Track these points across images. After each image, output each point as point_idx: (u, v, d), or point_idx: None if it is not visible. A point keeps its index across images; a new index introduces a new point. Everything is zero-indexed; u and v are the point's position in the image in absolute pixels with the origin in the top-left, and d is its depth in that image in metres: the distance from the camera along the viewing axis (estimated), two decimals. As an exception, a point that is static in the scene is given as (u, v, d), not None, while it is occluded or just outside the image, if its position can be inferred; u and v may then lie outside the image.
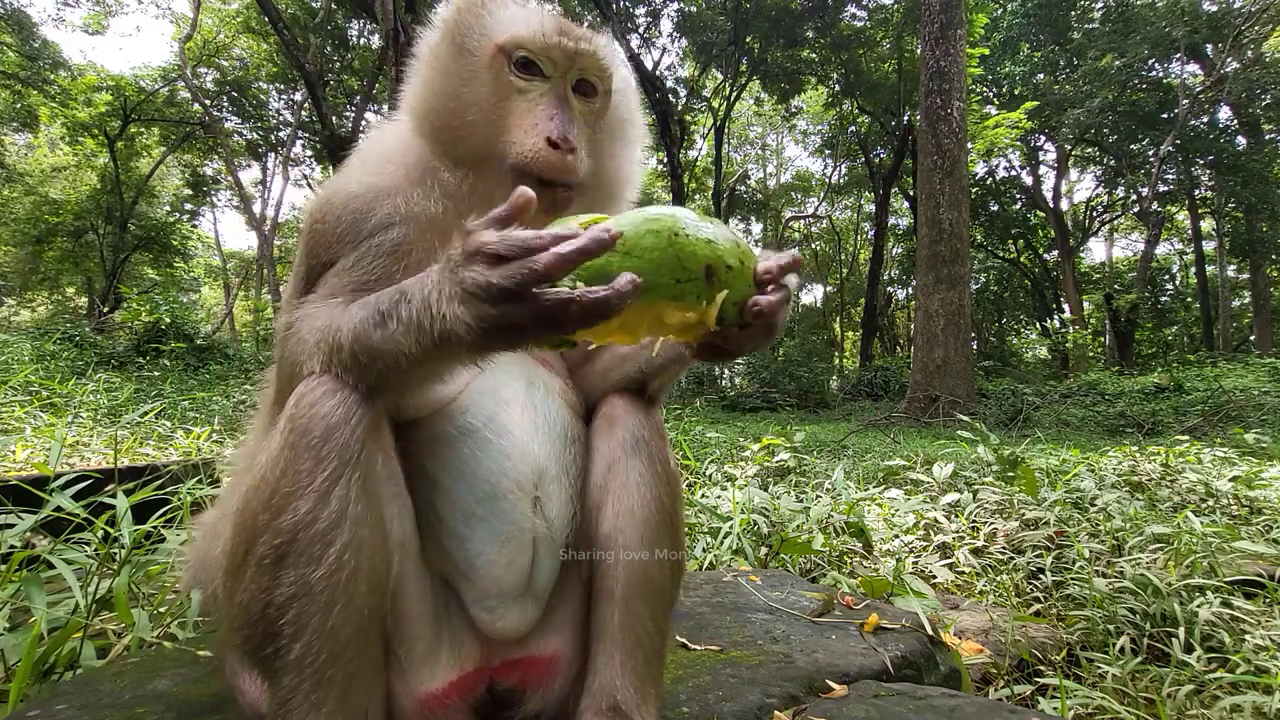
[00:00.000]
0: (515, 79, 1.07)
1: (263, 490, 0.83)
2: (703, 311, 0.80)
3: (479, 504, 1.00)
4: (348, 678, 0.83)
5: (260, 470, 0.85)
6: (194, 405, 5.84)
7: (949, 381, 12.94)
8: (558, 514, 1.05)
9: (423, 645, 0.98)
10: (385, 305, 0.84)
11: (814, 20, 22.56)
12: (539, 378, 1.12)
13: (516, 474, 1.01)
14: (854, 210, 37.49)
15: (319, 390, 0.85)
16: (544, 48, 1.07)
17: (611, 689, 0.99)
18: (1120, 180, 27.62)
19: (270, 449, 0.85)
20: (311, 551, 0.81)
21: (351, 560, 0.82)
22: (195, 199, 29.80)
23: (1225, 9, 20.66)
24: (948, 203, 13.51)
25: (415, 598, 0.98)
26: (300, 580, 0.80)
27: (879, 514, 3.42)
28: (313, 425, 0.83)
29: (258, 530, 0.82)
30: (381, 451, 0.93)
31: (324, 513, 0.81)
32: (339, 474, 0.83)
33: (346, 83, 24.91)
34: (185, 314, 12.58)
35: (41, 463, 2.82)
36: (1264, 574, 2.47)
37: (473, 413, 1.03)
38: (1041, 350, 33.80)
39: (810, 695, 1.31)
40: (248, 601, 0.82)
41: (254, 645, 0.83)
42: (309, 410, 0.84)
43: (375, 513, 0.88)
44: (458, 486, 1.01)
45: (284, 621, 0.80)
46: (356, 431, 0.85)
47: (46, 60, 21.42)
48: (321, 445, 0.82)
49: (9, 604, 1.58)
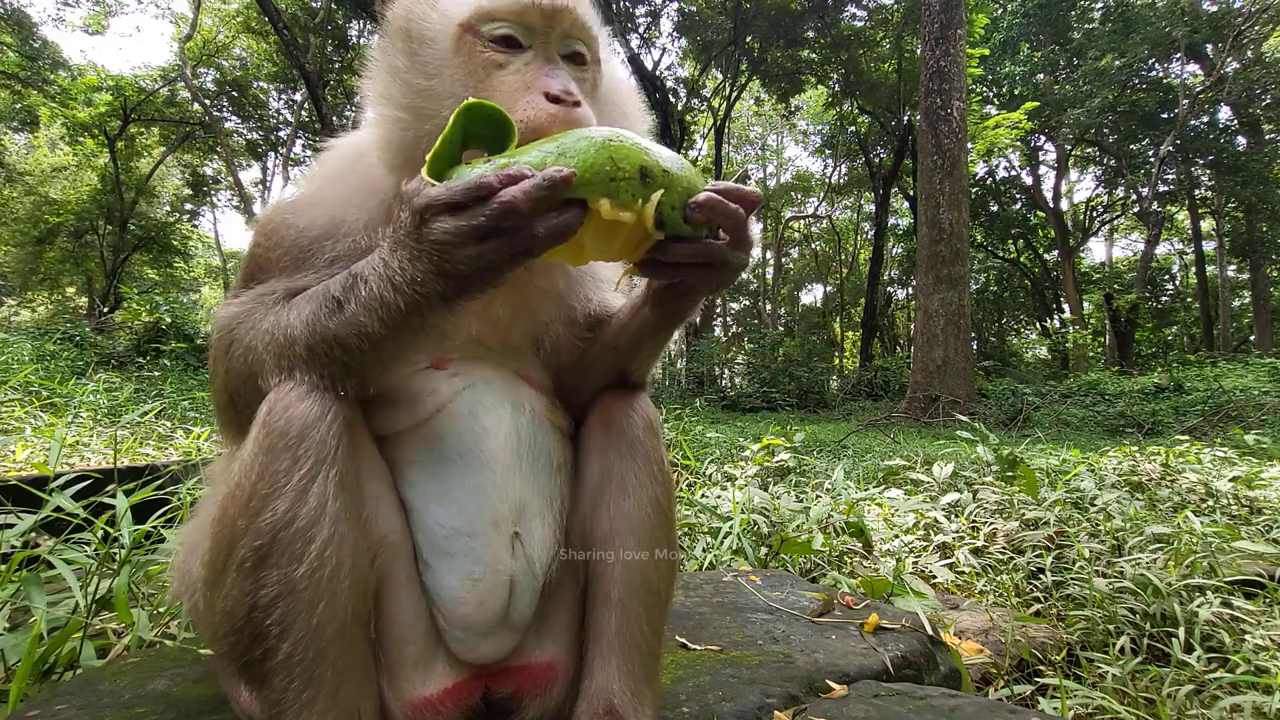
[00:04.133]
0: (493, 54, 0.95)
1: (239, 496, 0.82)
2: (639, 210, 0.81)
3: (450, 539, 0.96)
4: (338, 675, 0.83)
5: (235, 477, 0.84)
6: (194, 405, 5.84)
7: (949, 381, 12.94)
8: (539, 550, 1.01)
9: (415, 650, 0.96)
10: (337, 291, 0.84)
11: (814, 20, 22.55)
12: (524, 400, 1.05)
13: (494, 510, 0.97)
14: (854, 210, 37.48)
15: (292, 393, 0.84)
16: (518, 11, 0.95)
17: (608, 692, 0.98)
18: (1120, 180, 27.62)
19: (243, 455, 0.84)
20: (293, 549, 0.80)
21: (333, 556, 0.82)
22: (195, 199, 29.81)
23: (1225, 9, 20.66)
24: (948, 203, 13.50)
25: (406, 600, 0.96)
26: (283, 579, 0.79)
27: (879, 514, 3.42)
28: (289, 426, 0.82)
29: (236, 535, 0.81)
30: (359, 447, 0.91)
31: (303, 510, 0.80)
32: (316, 471, 0.82)
33: (346, 83, 24.88)
34: (185, 314, 12.59)
35: (41, 463, 2.82)
36: (1264, 574, 2.47)
37: (449, 440, 0.98)
38: (1041, 350, 33.80)
39: (810, 695, 1.31)
40: (231, 607, 0.81)
41: (241, 650, 0.82)
42: (284, 412, 0.83)
43: (355, 509, 0.87)
44: (429, 517, 0.97)
45: (270, 622, 0.80)
46: (333, 428, 0.84)
47: (46, 60, 21.44)
48: (298, 444, 0.82)
49: (9, 604, 1.58)
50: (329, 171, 1.09)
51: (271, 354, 0.87)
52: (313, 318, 0.85)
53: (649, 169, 0.81)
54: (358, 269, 0.85)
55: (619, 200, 0.80)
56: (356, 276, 0.84)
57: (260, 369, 0.88)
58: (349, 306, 0.83)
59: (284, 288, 0.95)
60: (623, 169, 0.80)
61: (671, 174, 0.83)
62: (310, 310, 0.86)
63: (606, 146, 0.80)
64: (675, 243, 0.86)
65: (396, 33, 1.01)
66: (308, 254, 0.99)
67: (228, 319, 0.94)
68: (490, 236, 0.76)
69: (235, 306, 0.95)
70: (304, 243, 1.00)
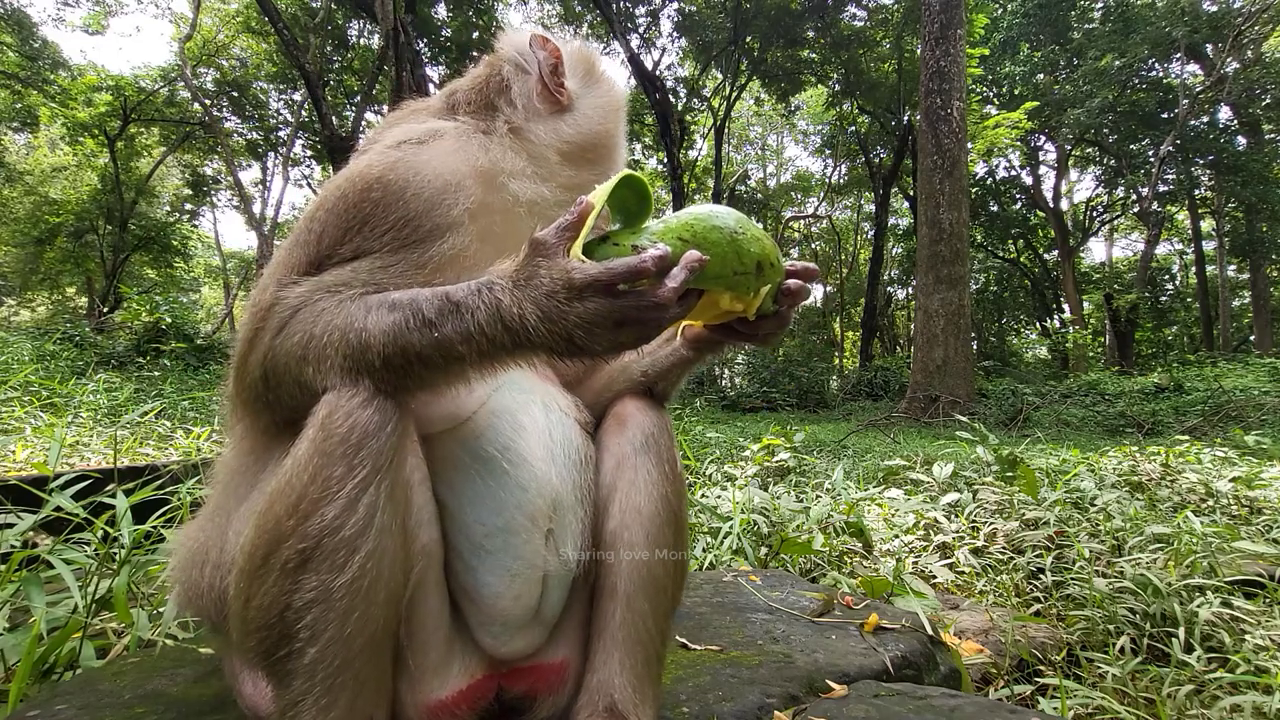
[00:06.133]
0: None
1: (289, 495, 0.82)
2: (749, 301, 0.92)
3: (489, 537, 0.97)
4: (358, 684, 0.83)
5: (286, 475, 0.83)
6: (194, 405, 5.84)
7: (949, 381, 12.93)
8: (571, 545, 1.03)
9: (435, 655, 0.96)
10: (431, 314, 0.84)
11: (814, 20, 22.56)
12: (554, 400, 1.09)
13: (531, 507, 0.98)
14: (854, 210, 37.46)
15: (356, 398, 0.84)
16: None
17: (609, 688, 0.98)
18: (1120, 180, 27.60)
19: (297, 454, 0.83)
20: (336, 558, 0.80)
21: (374, 569, 0.82)
22: (195, 199, 29.78)
23: (1225, 9, 20.65)
24: (948, 203, 13.50)
25: (432, 608, 0.96)
26: (322, 586, 0.79)
27: (879, 514, 3.42)
28: (349, 433, 0.82)
29: (283, 535, 0.81)
30: (409, 456, 0.91)
31: (351, 519, 0.80)
32: (369, 481, 0.82)
33: (346, 83, 24.91)
34: (185, 314, 12.59)
35: (41, 463, 2.82)
36: (1264, 574, 2.47)
37: (488, 438, 0.99)
38: (1041, 350, 33.79)
39: (810, 695, 1.31)
40: (266, 605, 0.81)
41: (267, 648, 0.82)
42: (346, 418, 0.82)
43: (400, 521, 0.87)
44: (468, 516, 0.98)
45: (301, 626, 0.80)
46: (390, 439, 0.84)
47: (46, 60, 21.42)
48: (355, 453, 0.81)
49: (9, 604, 1.58)
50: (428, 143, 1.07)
51: (339, 352, 0.85)
52: (395, 330, 0.84)
53: (764, 265, 0.90)
54: (457, 298, 0.84)
55: (737, 294, 0.89)
56: (458, 305, 0.84)
57: (319, 362, 0.86)
58: (443, 329, 0.83)
59: (366, 282, 0.92)
60: (745, 264, 0.88)
61: (775, 266, 0.93)
62: (393, 321, 0.85)
63: (734, 241, 0.87)
64: (763, 319, 0.99)
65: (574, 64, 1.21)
66: (419, 216, 0.97)
67: (291, 299, 0.90)
68: (628, 324, 0.82)
69: (302, 289, 0.91)
70: (418, 203, 0.98)
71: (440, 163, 1.03)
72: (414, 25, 16.06)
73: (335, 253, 0.95)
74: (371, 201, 0.97)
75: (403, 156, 1.02)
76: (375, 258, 0.95)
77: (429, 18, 19.03)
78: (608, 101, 1.25)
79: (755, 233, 0.90)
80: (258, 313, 0.93)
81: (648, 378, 1.16)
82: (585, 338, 0.81)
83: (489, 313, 0.82)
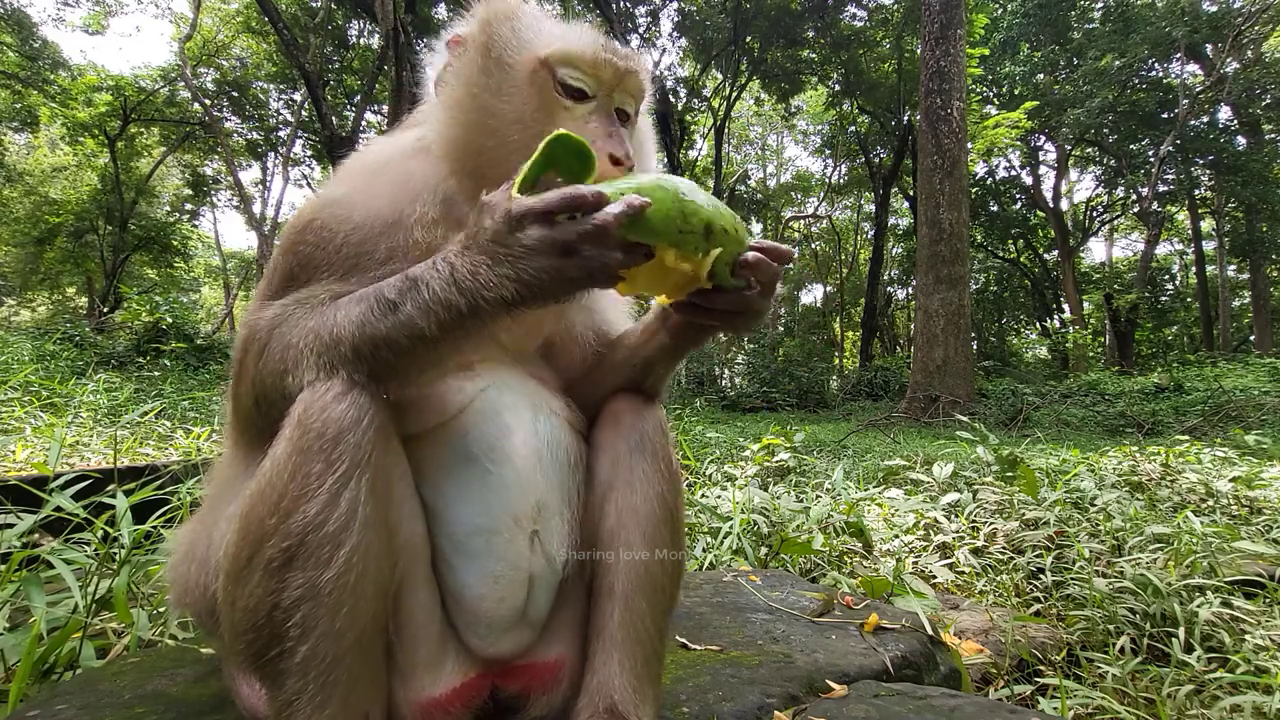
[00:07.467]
0: (560, 97, 1.02)
1: (269, 495, 0.82)
2: (698, 263, 0.90)
3: (471, 537, 0.97)
4: (352, 680, 0.83)
5: (265, 475, 0.83)
6: (194, 405, 5.84)
7: (949, 381, 12.94)
8: (558, 547, 1.02)
9: (427, 651, 0.96)
10: (392, 294, 0.85)
11: (814, 20, 22.56)
12: (542, 399, 1.08)
13: (515, 508, 0.98)
14: (854, 210, 37.46)
15: (330, 393, 0.84)
16: (594, 64, 1.02)
17: (609, 689, 0.98)
18: (1120, 180, 27.62)
19: (276, 454, 0.84)
20: (320, 554, 0.80)
21: (360, 563, 0.82)
22: (195, 199, 29.79)
23: (1225, 9, 20.65)
24: (948, 203, 13.51)
25: (421, 603, 0.96)
26: (308, 583, 0.79)
27: (879, 514, 3.42)
28: (325, 427, 0.82)
29: (265, 534, 0.81)
30: (390, 451, 0.91)
31: (333, 514, 0.80)
32: (349, 475, 0.82)
33: (346, 83, 24.91)
34: (185, 314, 12.59)
35: (41, 463, 2.82)
36: (1264, 574, 2.47)
37: (472, 438, 0.98)
38: (1041, 350, 33.79)
39: (810, 695, 1.31)
40: (253, 605, 0.81)
41: (258, 649, 0.82)
42: (321, 413, 0.82)
43: (383, 515, 0.87)
44: (451, 515, 0.97)
45: (290, 624, 0.79)
46: (369, 432, 0.84)
47: (46, 60, 21.42)
48: (333, 448, 0.82)
49: (9, 604, 1.58)
50: (378, 167, 1.08)
51: (313, 351, 0.86)
52: (362, 318, 0.85)
53: (713, 227, 0.89)
54: (415, 273, 0.85)
55: (683, 251, 0.88)
56: (415, 280, 0.84)
57: (296, 366, 0.87)
58: (404, 309, 0.84)
59: (330, 292, 0.94)
60: (691, 224, 0.87)
61: (729, 234, 0.91)
62: (360, 311, 0.86)
63: (680, 200, 0.87)
64: (718, 292, 0.95)
65: (477, 48, 1.04)
66: (361, 251, 0.98)
67: (264, 321, 0.92)
68: (572, 254, 0.80)
69: (273, 310, 0.93)
70: (357, 239, 0.99)
71: (383, 192, 1.03)
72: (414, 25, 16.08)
73: (294, 282, 0.98)
74: (309, 244, 0.99)
75: (341, 195, 1.03)
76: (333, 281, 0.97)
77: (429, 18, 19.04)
78: None
79: (708, 199, 0.90)
80: (240, 345, 0.96)
81: (635, 370, 1.15)
82: (533, 272, 0.80)
83: (443, 279, 0.83)
